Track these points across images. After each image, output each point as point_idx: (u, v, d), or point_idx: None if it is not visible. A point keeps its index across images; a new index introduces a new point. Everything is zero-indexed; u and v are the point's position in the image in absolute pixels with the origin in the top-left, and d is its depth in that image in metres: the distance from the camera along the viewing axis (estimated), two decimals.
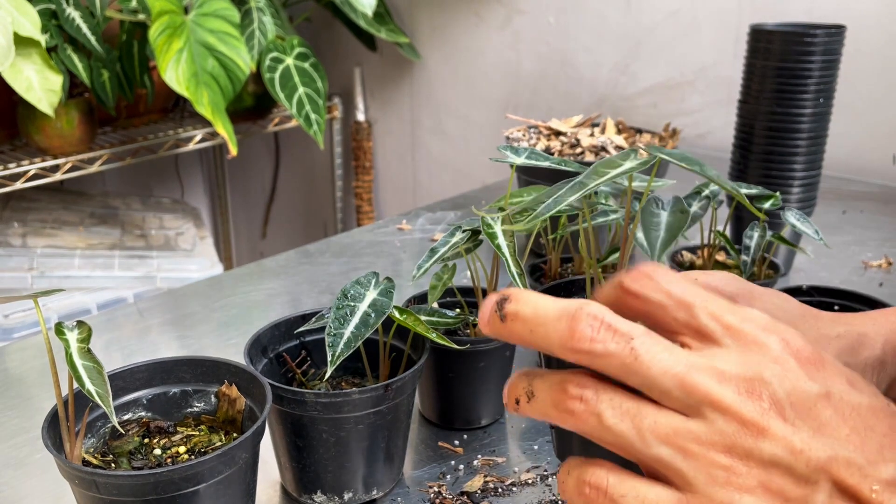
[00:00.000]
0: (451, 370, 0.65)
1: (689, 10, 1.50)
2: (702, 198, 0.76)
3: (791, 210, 0.76)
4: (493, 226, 0.61)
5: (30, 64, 1.29)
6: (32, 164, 1.51)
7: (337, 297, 0.55)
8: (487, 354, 0.64)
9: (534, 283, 0.73)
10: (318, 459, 0.56)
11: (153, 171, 2.41)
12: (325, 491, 0.57)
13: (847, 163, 1.33)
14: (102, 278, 1.55)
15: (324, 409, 0.53)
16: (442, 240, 0.63)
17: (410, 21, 1.98)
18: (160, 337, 0.85)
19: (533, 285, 0.73)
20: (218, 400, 0.56)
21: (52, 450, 0.47)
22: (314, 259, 1.05)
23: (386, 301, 0.55)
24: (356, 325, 0.53)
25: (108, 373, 0.52)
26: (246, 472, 0.51)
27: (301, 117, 1.57)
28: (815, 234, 0.75)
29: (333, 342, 0.52)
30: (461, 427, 0.68)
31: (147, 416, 0.56)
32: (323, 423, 0.54)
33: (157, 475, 0.45)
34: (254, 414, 0.54)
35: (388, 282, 0.57)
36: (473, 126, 1.94)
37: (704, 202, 0.76)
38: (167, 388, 0.56)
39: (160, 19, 1.33)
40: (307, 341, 0.64)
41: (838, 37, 0.87)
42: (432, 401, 0.68)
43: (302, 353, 0.63)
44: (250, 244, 2.67)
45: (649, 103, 1.60)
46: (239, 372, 0.55)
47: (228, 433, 0.55)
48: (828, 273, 0.98)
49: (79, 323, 0.50)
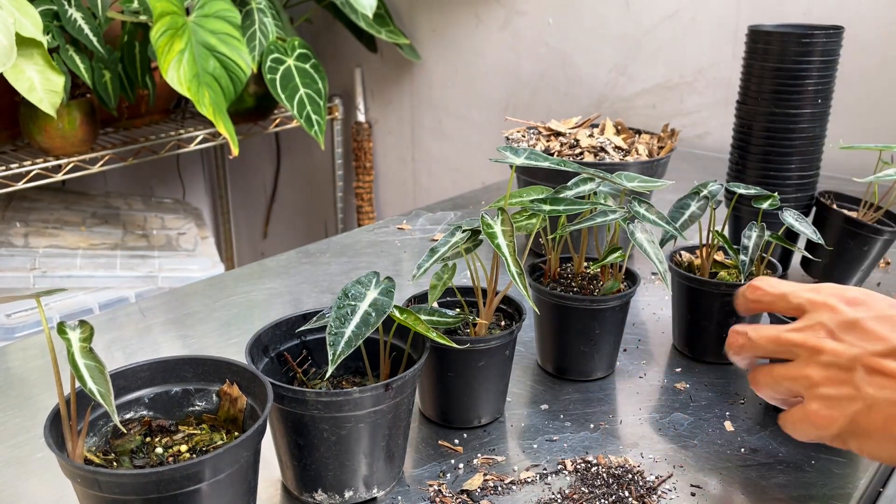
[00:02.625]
0: (451, 369, 0.65)
1: (687, 12, 1.50)
2: (700, 198, 0.77)
3: (789, 210, 0.76)
4: (493, 225, 0.61)
5: (32, 64, 1.29)
6: (34, 164, 1.51)
7: (338, 297, 0.55)
8: (487, 353, 0.65)
9: (533, 282, 0.73)
10: (319, 458, 0.56)
11: (155, 172, 2.41)
12: (325, 489, 0.58)
13: (846, 163, 1.33)
14: (104, 278, 1.56)
15: (324, 407, 0.54)
16: (442, 240, 0.64)
17: (410, 22, 1.98)
18: (162, 336, 0.85)
19: (532, 285, 0.73)
20: (219, 399, 0.56)
21: (55, 448, 0.47)
22: (315, 259, 1.06)
23: (386, 300, 0.55)
24: (357, 325, 0.53)
25: (110, 372, 0.52)
26: (247, 470, 0.51)
27: (302, 118, 1.58)
28: (812, 234, 0.75)
29: (334, 341, 0.52)
30: (461, 426, 0.68)
31: (149, 414, 0.56)
32: (324, 421, 0.55)
33: (159, 474, 0.45)
34: (255, 413, 0.54)
35: (388, 281, 0.57)
36: (473, 126, 1.94)
37: (703, 202, 0.77)
38: (169, 386, 0.57)
39: (162, 20, 1.34)
40: (308, 341, 0.64)
41: (836, 38, 0.88)
42: (432, 400, 0.68)
43: (303, 353, 0.64)
44: (251, 244, 2.68)
45: (648, 104, 1.61)
46: (240, 371, 0.55)
47: (230, 432, 0.55)
48: None
49: (81, 322, 0.50)
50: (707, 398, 0.73)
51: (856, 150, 0.86)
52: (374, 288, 0.56)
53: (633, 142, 1.04)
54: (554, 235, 0.75)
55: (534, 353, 0.80)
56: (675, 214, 0.76)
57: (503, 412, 0.70)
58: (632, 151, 1.02)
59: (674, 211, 0.77)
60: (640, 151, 1.01)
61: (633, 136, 1.07)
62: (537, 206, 0.68)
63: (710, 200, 0.76)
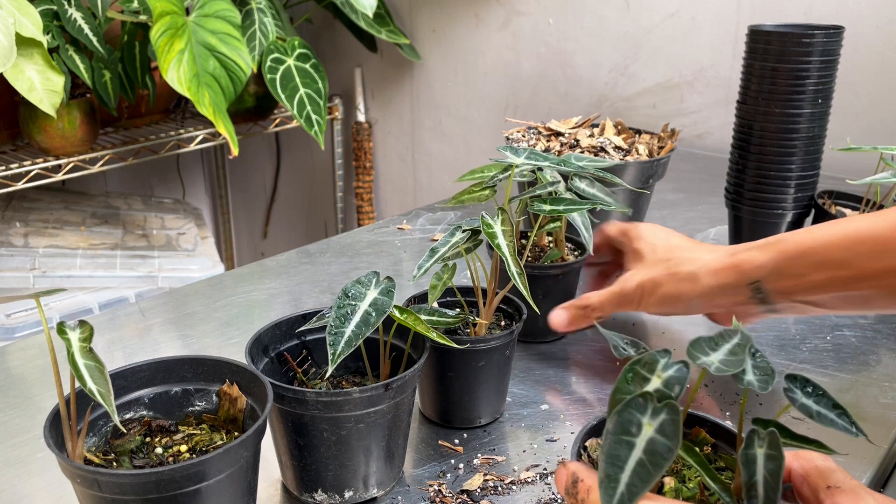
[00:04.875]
0: (451, 369, 0.65)
1: (687, 11, 1.50)
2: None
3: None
4: (493, 225, 0.61)
5: (32, 64, 1.29)
6: (34, 164, 1.51)
7: (338, 297, 0.55)
8: (487, 354, 0.65)
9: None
10: (319, 458, 0.56)
11: (155, 172, 2.41)
12: (325, 489, 0.58)
13: (846, 163, 1.33)
14: (104, 278, 1.56)
15: (324, 407, 0.54)
16: (442, 240, 0.64)
17: (411, 22, 1.98)
18: (162, 336, 0.85)
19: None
20: (219, 399, 0.56)
21: (55, 449, 0.47)
22: (315, 259, 1.06)
23: (386, 300, 0.55)
24: (357, 324, 0.53)
25: (110, 372, 0.52)
26: (247, 470, 0.51)
27: (302, 118, 1.58)
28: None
29: (334, 341, 0.52)
30: (461, 426, 0.68)
31: (149, 415, 0.56)
32: (324, 421, 0.55)
33: (159, 474, 0.45)
34: (255, 413, 0.54)
35: (388, 281, 0.57)
36: (473, 126, 1.94)
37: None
38: (169, 386, 0.56)
39: (162, 20, 1.34)
40: (308, 340, 0.64)
41: (836, 38, 0.88)
42: (432, 399, 0.68)
43: (303, 353, 0.64)
44: (251, 244, 2.68)
45: (648, 104, 1.61)
46: (240, 371, 0.55)
47: (230, 432, 0.55)
48: None
49: (81, 322, 0.50)
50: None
51: (852, 151, 0.86)
52: (375, 288, 0.56)
53: (633, 142, 1.04)
54: (502, 206, 0.77)
55: (530, 355, 0.80)
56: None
57: (503, 412, 0.71)
58: (632, 151, 1.02)
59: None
60: (640, 151, 1.01)
61: (634, 135, 1.07)
62: (538, 207, 0.68)
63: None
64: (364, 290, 0.56)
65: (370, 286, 0.56)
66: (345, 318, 0.54)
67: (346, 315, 0.54)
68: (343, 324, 0.53)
